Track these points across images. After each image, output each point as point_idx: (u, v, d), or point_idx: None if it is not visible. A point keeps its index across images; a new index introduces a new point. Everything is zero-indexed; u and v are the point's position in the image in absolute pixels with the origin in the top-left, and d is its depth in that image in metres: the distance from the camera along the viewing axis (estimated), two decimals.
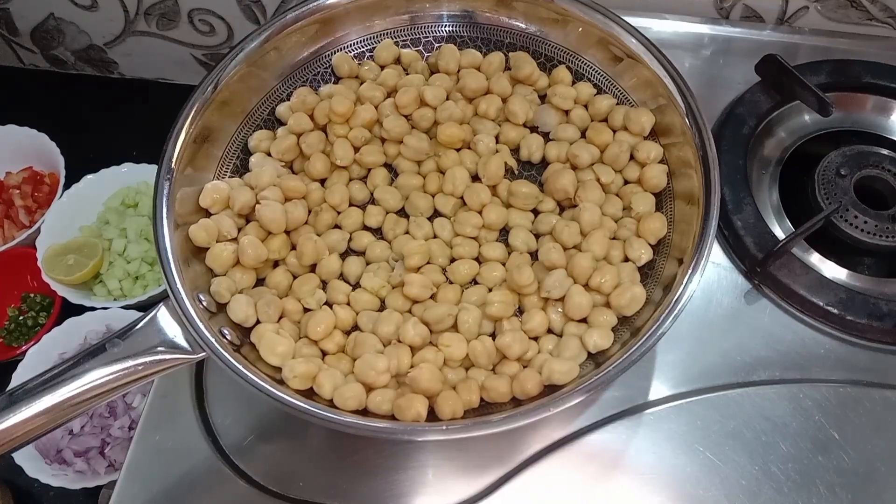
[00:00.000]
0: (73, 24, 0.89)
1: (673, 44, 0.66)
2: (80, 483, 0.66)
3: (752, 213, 0.54)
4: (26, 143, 0.87)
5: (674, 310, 0.41)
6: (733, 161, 0.56)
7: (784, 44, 0.66)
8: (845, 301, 0.50)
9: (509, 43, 0.56)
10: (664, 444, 0.47)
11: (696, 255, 0.43)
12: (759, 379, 0.49)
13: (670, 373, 0.49)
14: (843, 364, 0.49)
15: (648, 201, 0.49)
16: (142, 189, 0.83)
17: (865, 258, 0.55)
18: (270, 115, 0.54)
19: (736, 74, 0.62)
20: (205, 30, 0.86)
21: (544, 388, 0.42)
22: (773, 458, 0.46)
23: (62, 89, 0.98)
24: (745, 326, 0.51)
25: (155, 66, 0.95)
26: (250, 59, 0.52)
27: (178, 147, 0.47)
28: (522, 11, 0.55)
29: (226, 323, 0.45)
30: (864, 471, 0.45)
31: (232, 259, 0.47)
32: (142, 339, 0.41)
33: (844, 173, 0.55)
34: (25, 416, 0.37)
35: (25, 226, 0.84)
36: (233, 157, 0.52)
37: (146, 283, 0.79)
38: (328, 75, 0.56)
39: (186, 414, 0.49)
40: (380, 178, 0.52)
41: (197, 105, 0.49)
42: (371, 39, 0.57)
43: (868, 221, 0.53)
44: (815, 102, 0.57)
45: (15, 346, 0.77)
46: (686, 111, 0.48)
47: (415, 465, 0.47)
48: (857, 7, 0.66)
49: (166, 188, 0.46)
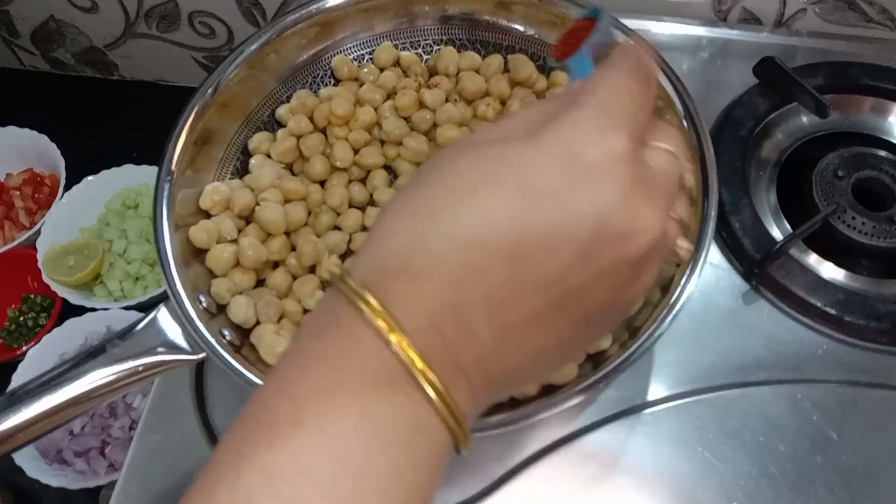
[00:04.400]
0: (74, 26, 0.89)
1: (671, 46, 0.66)
2: (80, 483, 0.66)
3: (750, 215, 0.54)
4: (27, 145, 0.87)
5: (672, 310, 0.41)
6: (731, 163, 0.56)
7: (782, 46, 0.66)
8: (843, 302, 0.50)
9: (508, 45, 0.56)
10: (662, 445, 0.47)
11: (695, 257, 0.43)
12: (758, 379, 0.49)
13: (669, 373, 0.49)
14: (841, 365, 0.49)
15: None
16: (142, 190, 0.83)
17: (863, 259, 0.55)
18: (270, 117, 0.54)
19: (734, 77, 0.63)
20: (205, 32, 0.86)
21: (542, 388, 0.42)
22: (771, 459, 0.46)
23: (63, 91, 0.98)
24: (743, 327, 0.51)
25: (155, 68, 0.95)
26: (250, 61, 0.52)
27: (178, 149, 0.48)
28: (521, 14, 0.55)
29: (226, 324, 0.45)
30: (862, 471, 0.46)
31: (232, 260, 0.47)
32: (142, 340, 0.41)
33: (842, 175, 0.56)
34: (26, 416, 0.37)
35: (26, 227, 0.85)
36: (233, 159, 0.52)
37: (146, 284, 0.79)
38: (328, 78, 0.56)
39: (187, 414, 0.49)
40: (379, 180, 0.52)
41: (197, 107, 0.49)
42: (370, 42, 0.57)
43: (866, 223, 0.54)
44: (813, 104, 0.57)
45: (15, 346, 0.77)
46: (684, 113, 0.48)
47: None
48: (854, 9, 0.66)
49: (166, 190, 0.46)
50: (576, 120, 0.24)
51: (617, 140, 0.23)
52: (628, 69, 0.26)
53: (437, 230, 0.23)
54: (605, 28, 0.36)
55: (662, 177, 0.26)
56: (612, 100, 0.25)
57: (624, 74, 0.26)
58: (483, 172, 0.23)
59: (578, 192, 0.23)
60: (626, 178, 0.23)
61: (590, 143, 0.23)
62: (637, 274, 0.25)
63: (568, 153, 0.23)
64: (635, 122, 0.25)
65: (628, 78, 0.26)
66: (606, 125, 0.24)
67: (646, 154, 0.26)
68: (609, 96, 0.25)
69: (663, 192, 0.25)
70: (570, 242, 0.23)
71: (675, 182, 0.26)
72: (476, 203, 0.23)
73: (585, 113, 0.24)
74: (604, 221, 0.23)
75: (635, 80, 0.26)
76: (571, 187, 0.23)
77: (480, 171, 0.23)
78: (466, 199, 0.23)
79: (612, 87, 0.25)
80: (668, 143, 0.27)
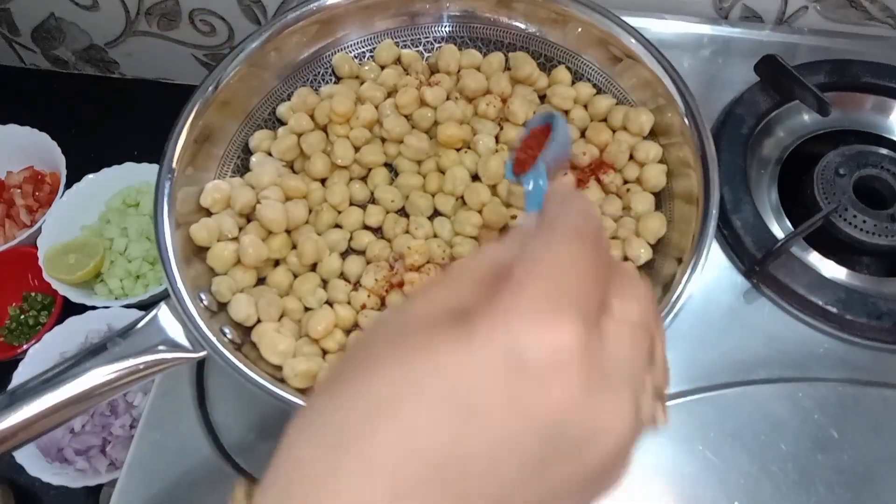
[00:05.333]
0: (74, 24, 0.89)
1: (672, 44, 0.66)
2: (81, 482, 0.66)
3: (751, 213, 0.54)
4: (27, 143, 0.87)
5: (673, 309, 0.41)
6: (732, 161, 0.56)
7: (783, 44, 0.66)
8: (844, 300, 0.50)
9: (509, 43, 0.56)
10: (663, 443, 0.47)
11: (696, 255, 0.43)
12: (759, 378, 0.49)
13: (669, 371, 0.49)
14: (842, 363, 0.49)
15: (648, 201, 0.49)
16: (143, 188, 0.83)
17: (864, 257, 0.55)
18: (271, 115, 0.54)
19: (735, 74, 0.63)
20: (206, 30, 0.86)
21: None
22: (772, 457, 0.46)
23: (63, 89, 0.98)
24: (744, 326, 0.51)
25: (156, 66, 0.95)
26: (251, 59, 0.52)
27: (179, 147, 0.48)
28: (522, 12, 0.55)
29: (227, 322, 0.45)
30: (862, 470, 0.46)
31: (233, 258, 0.47)
32: (143, 338, 0.41)
33: (843, 173, 0.55)
34: (26, 414, 0.37)
35: (27, 225, 0.85)
36: (234, 157, 0.52)
37: (147, 283, 0.79)
38: (329, 75, 0.56)
39: (187, 412, 0.49)
40: (380, 178, 0.52)
41: (198, 105, 0.49)
42: (371, 40, 0.57)
43: (867, 221, 0.53)
44: (814, 102, 0.57)
45: (16, 345, 0.77)
46: (685, 111, 0.48)
47: None
48: (856, 7, 0.66)
49: (167, 188, 0.46)
50: (513, 306, 0.20)
51: (564, 330, 0.19)
52: (572, 228, 0.22)
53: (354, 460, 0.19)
54: (562, 137, 0.33)
55: (626, 359, 0.21)
56: (557, 275, 0.21)
57: (568, 237, 0.22)
58: (406, 384, 0.20)
59: (520, 403, 0.19)
60: (580, 375, 0.19)
61: (531, 338, 0.19)
62: (607, 474, 0.21)
63: (505, 353, 0.19)
64: (587, 300, 0.21)
65: (575, 241, 0.22)
66: (549, 310, 0.20)
67: (604, 332, 0.21)
68: (552, 270, 0.21)
69: (628, 377, 0.21)
70: (516, 461, 0.19)
71: (643, 359, 0.22)
72: (397, 425, 0.19)
73: (525, 296, 0.20)
74: (555, 433, 0.19)
75: (582, 242, 0.22)
76: (511, 397, 0.19)
77: (403, 381, 0.20)
78: (386, 421, 0.19)
79: (555, 256, 0.21)
80: (630, 307, 0.22)
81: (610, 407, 0.20)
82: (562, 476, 0.20)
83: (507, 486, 0.19)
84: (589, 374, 0.20)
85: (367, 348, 0.22)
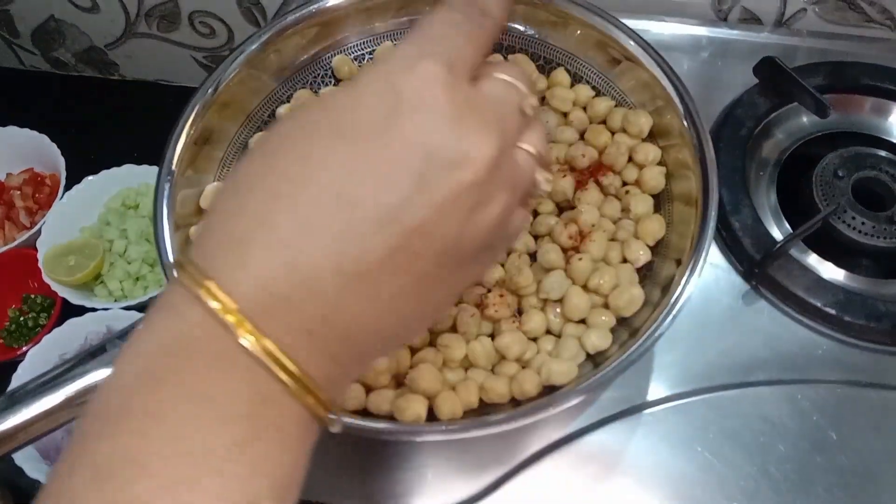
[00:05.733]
0: (74, 25, 0.89)
1: (671, 46, 0.66)
2: None
3: (750, 215, 0.54)
4: (27, 145, 0.87)
5: (672, 311, 0.41)
6: (731, 163, 0.56)
7: (782, 46, 0.66)
8: (843, 302, 0.50)
9: (508, 45, 0.56)
10: (662, 445, 0.47)
11: (695, 257, 0.43)
12: (757, 379, 0.49)
13: (668, 373, 0.49)
14: (840, 365, 0.49)
15: (647, 203, 0.49)
16: (142, 190, 0.83)
17: (863, 259, 0.55)
18: (271, 116, 0.54)
19: (734, 76, 0.63)
20: (205, 32, 0.86)
21: (543, 388, 0.42)
22: (771, 459, 0.46)
23: (63, 91, 0.98)
24: (743, 327, 0.51)
25: (155, 67, 0.95)
26: (251, 61, 0.52)
27: (178, 149, 0.48)
28: (521, 14, 0.55)
29: None
30: (862, 471, 0.46)
31: None
32: None
33: (842, 175, 0.56)
34: (26, 416, 0.37)
35: (26, 227, 0.84)
36: (233, 159, 0.52)
37: (147, 284, 0.79)
38: (328, 77, 0.56)
39: None
40: None
41: (197, 107, 0.49)
42: (371, 42, 0.57)
43: (866, 223, 0.54)
44: (813, 104, 0.57)
45: (15, 346, 0.77)
46: (684, 113, 0.48)
47: (414, 465, 0.47)
48: (855, 9, 0.66)
49: (167, 190, 0.46)
50: (392, 54, 0.24)
51: (430, 66, 0.23)
52: (459, 4, 0.26)
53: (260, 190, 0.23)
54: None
55: (494, 102, 0.25)
56: (429, 30, 0.25)
57: (450, 8, 0.26)
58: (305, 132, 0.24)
59: (401, 124, 0.23)
60: (446, 102, 0.23)
61: (403, 74, 0.23)
62: (482, 203, 0.24)
63: (384, 87, 0.23)
64: (454, 50, 0.25)
65: (453, 11, 0.26)
66: (418, 53, 0.24)
67: (478, 82, 0.26)
68: (426, 27, 0.25)
69: (495, 116, 0.25)
70: (403, 174, 0.23)
71: (513, 108, 0.26)
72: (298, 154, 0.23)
73: (401, 46, 0.25)
74: (431, 149, 0.23)
75: (461, 12, 0.26)
76: (394, 121, 0.23)
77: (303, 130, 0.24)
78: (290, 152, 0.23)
79: (432, 19, 0.26)
80: (505, 75, 0.26)
81: (477, 136, 0.23)
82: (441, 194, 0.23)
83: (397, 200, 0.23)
84: (456, 103, 0.23)
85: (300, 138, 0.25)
